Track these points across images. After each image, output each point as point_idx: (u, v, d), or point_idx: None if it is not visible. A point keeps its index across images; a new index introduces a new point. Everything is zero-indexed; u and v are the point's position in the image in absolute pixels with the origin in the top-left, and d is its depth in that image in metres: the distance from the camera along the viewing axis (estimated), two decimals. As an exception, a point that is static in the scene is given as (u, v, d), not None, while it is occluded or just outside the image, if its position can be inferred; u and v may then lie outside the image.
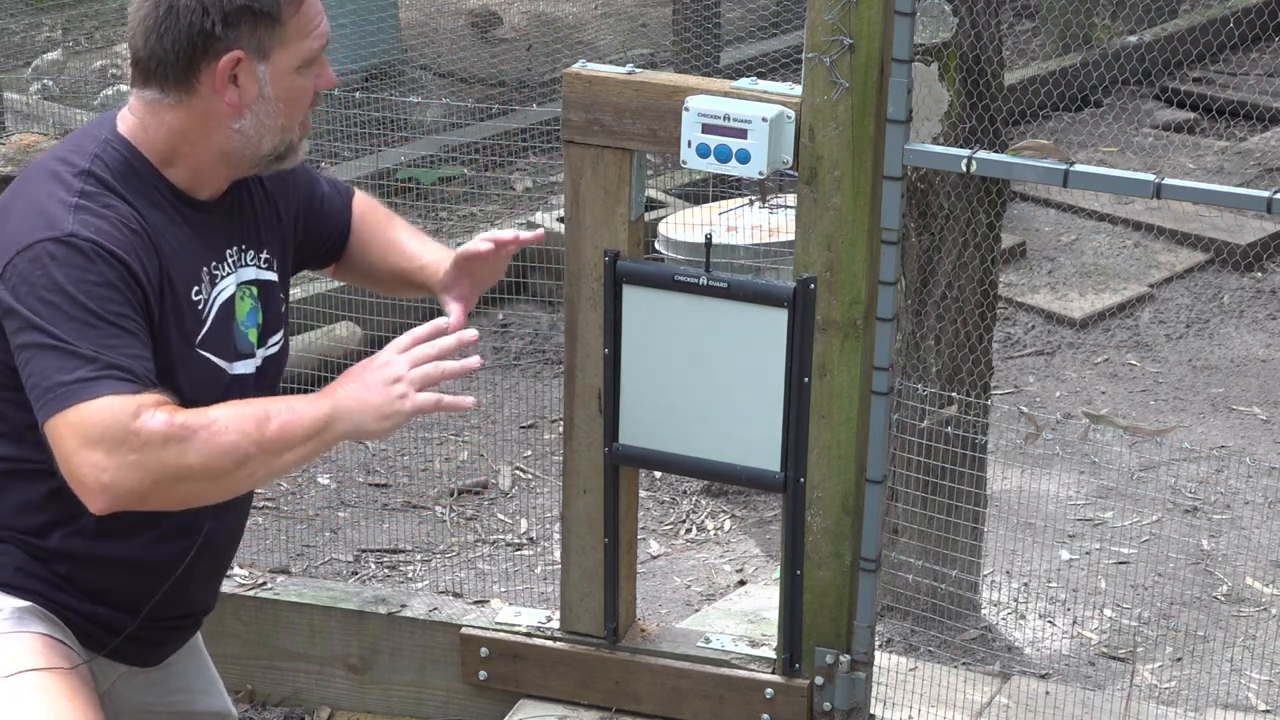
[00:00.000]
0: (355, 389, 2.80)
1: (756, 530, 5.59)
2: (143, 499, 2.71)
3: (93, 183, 2.83)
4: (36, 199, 2.82)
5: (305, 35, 2.88)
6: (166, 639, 3.13)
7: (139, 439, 2.66)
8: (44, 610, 2.93)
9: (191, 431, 2.68)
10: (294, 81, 2.90)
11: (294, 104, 2.92)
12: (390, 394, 2.78)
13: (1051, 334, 6.93)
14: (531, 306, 6.95)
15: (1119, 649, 4.87)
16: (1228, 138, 8.76)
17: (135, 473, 2.67)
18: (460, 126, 7.64)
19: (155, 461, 2.67)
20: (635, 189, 3.73)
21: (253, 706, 4.34)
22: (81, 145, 2.91)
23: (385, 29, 8.60)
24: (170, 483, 2.69)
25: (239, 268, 3.02)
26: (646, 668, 3.98)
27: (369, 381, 2.80)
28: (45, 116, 8.04)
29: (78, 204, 2.79)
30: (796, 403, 3.69)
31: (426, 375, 2.80)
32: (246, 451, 2.71)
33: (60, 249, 2.74)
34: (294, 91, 2.91)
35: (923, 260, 4.59)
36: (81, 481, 2.69)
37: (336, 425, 2.78)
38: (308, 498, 5.71)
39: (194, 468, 2.69)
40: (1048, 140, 8.21)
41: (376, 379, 2.80)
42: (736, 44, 9.40)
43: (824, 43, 3.48)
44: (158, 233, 2.86)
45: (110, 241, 2.77)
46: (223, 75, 2.85)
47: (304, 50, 2.89)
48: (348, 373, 2.84)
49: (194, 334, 2.91)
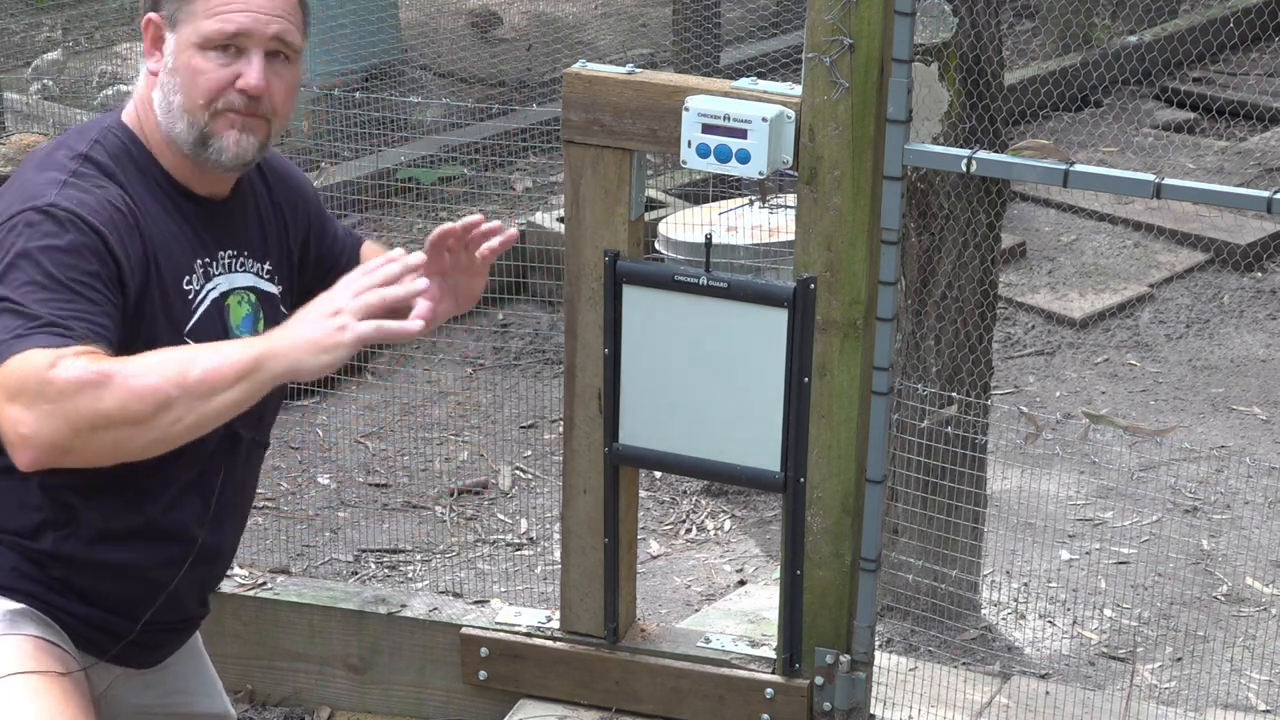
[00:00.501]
0: (290, 326, 2.67)
1: (756, 530, 5.59)
2: (66, 450, 2.62)
3: (89, 165, 2.85)
4: (31, 178, 2.84)
5: (210, 14, 2.85)
6: (163, 642, 3.12)
7: (53, 388, 2.57)
8: (38, 613, 2.92)
9: (107, 376, 2.58)
10: (191, 59, 2.86)
11: (192, 85, 2.86)
12: (328, 325, 2.63)
13: (1051, 334, 6.93)
14: (531, 306, 6.94)
15: (1119, 649, 4.87)
16: (1228, 138, 8.76)
17: (51, 421, 2.58)
18: (460, 126, 7.64)
19: (71, 409, 2.58)
20: (635, 189, 3.73)
21: (253, 706, 4.34)
22: (85, 132, 2.93)
23: (385, 29, 8.59)
24: (89, 431, 2.59)
25: (234, 271, 3.01)
26: (646, 668, 3.98)
27: (306, 316, 2.66)
28: (45, 116, 8.04)
29: (66, 180, 2.80)
30: (796, 403, 3.69)
31: (366, 304, 2.63)
32: (168, 394, 2.60)
33: (37, 216, 2.75)
34: (191, 70, 2.86)
35: (923, 260, 4.59)
36: (5, 437, 2.63)
37: (268, 364, 2.63)
38: (308, 498, 5.71)
39: (112, 414, 2.58)
40: (1048, 140, 8.21)
41: (314, 311, 2.65)
42: (736, 44, 9.40)
43: (824, 43, 3.49)
44: (149, 218, 2.86)
45: (88, 213, 2.76)
46: (146, 36, 2.87)
47: (203, 29, 2.85)
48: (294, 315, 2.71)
49: (182, 323, 2.91)
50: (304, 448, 6.02)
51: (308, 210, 3.18)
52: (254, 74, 2.86)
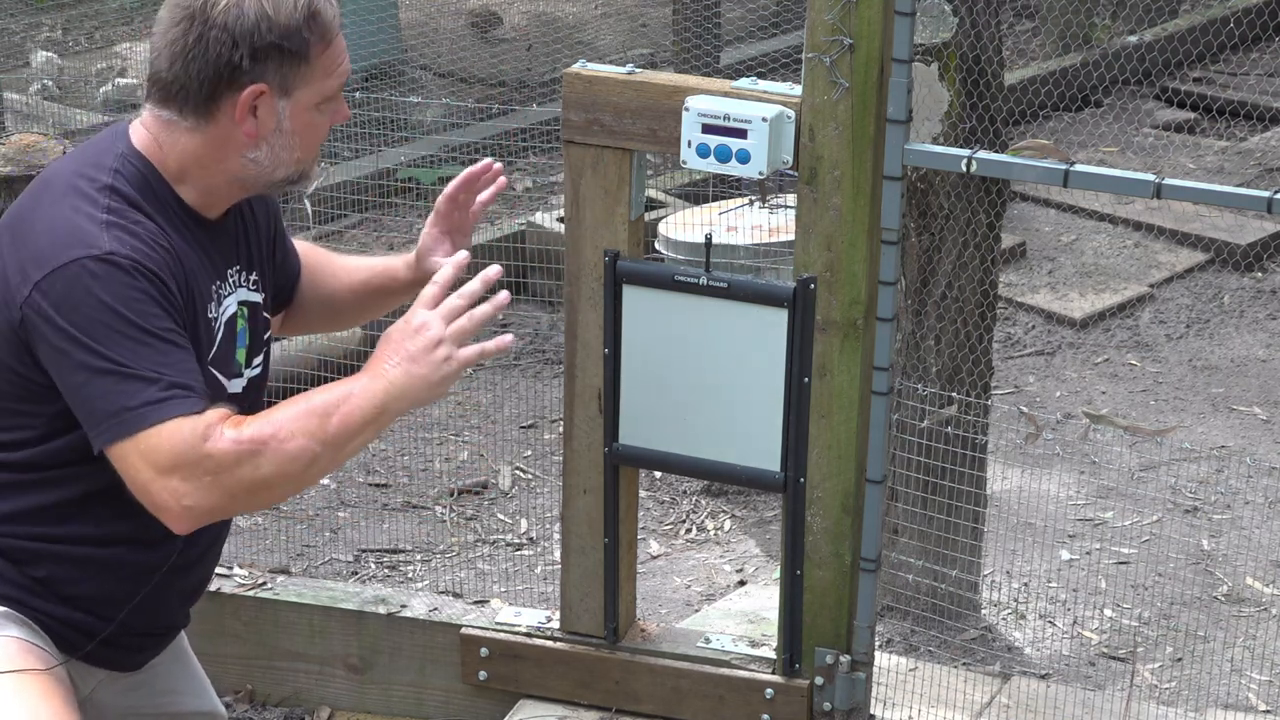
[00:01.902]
0: (401, 363, 2.80)
1: (756, 530, 5.59)
2: (225, 512, 2.82)
3: (117, 199, 2.83)
4: (62, 213, 2.81)
5: (329, 75, 2.90)
6: (143, 645, 3.12)
7: (213, 461, 2.71)
8: (18, 615, 2.93)
9: (261, 444, 2.73)
10: (313, 118, 2.92)
11: (310, 139, 2.93)
12: (435, 359, 2.79)
13: (1051, 334, 6.93)
14: (531, 306, 6.95)
15: (1119, 649, 4.87)
16: (1228, 138, 8.76)
17: (214, 492, 2.73)
18: (460, 126, 7.64)
19: (232, 480, 2.73)
20: (635, 189, 3.73)
21: (253, 706, 4.34)
22: (99, 159, 2.89)
23: (385, 29, 8.60)
24: (247, 495, 2.77)
25: (237, 288, 3.02)
26: (646, 668, 3.98)
27: (412, 352, 2.80)
28: (45, 116, 8.04)
29: (108, 220, 2.79)
30: (796, 403, 3.69)
31: (462, 329, 2.81)
32: (314, 452, 2.76)
33: (101, 267, 2.74)
34: (312, 127, 2.93)
35: (923, 260, 4.59)
36: (163, 507, 2.74)
37: (392, 406, 2.80)
38: (308, 498, 5.71)
39: (271, 479, 2.75)
40: (1048, 140, 8.21)
41: (419, 347, 2.79)
42: (736, 44, 9.40)
43: (824, 43, 3.48)
44: (180, 250, 2.86)
45: (146, 259, 2.77)
46: (244, 107, 2.85)
47: (326, 89, 2.91)
48: (387, 339, 2.83)
49: (206, 352, 2.92)
50: (304, 448, 6.01)
51: (270, 212, 3.19)
52: (346, 108, 2.98)
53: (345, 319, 3.53)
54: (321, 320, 3.45)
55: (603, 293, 3.76)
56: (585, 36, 9.61)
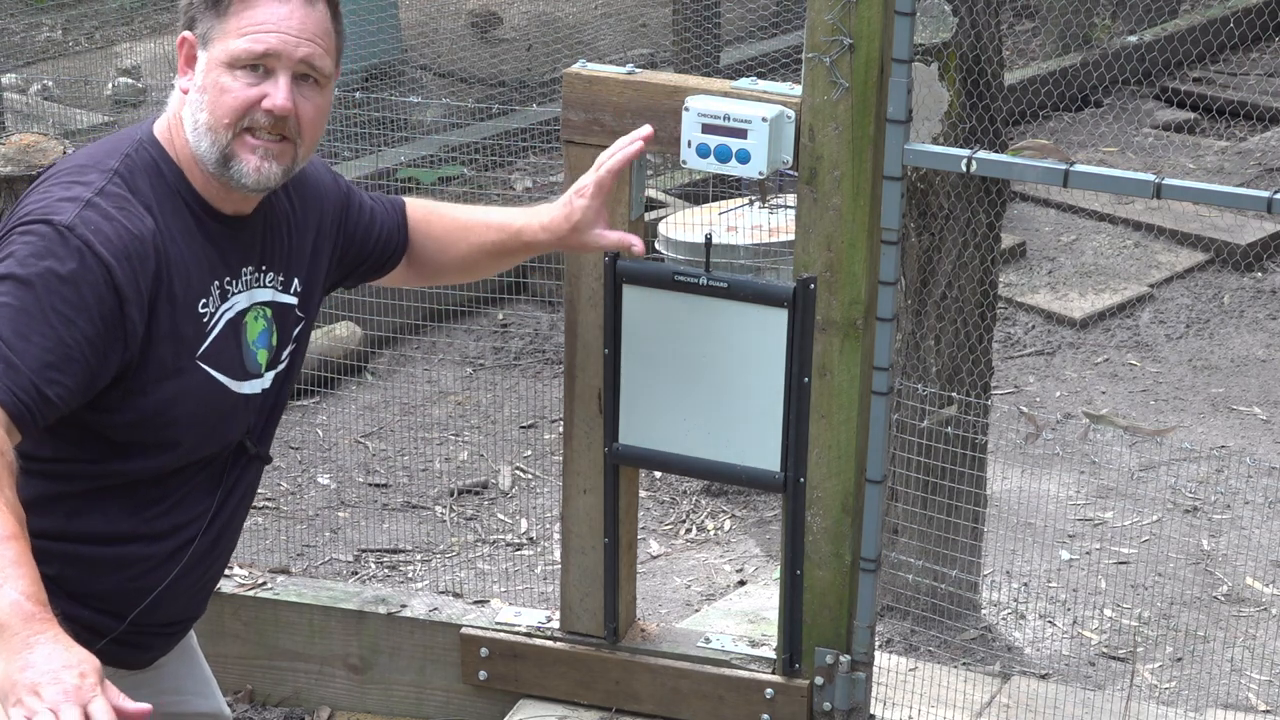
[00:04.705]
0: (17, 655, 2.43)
1: (756, 530, 5.59)
2: None
3: (117, 182, 2.84)
4: (59, 184, 2.83)
5: (240, 33, 2.84)
6: (152, 644, 3.12)
7: None
8: None
9: None
10: (220, 77, 2.86)
11: (218, 103, 2.86)
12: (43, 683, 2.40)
13: (1051, 334, 6.93)
14: (531, 306, 6.94)
15: (1119, 649, 4.88)
16: (1228, 138, 8.76)
17: None
18: (460, 126, 7.65)
19: None
20: (635, 189, 3.73)
21: (253, 706, 4.34)
22: (117, 145, 2.92)
23: (385, 29, 8.59)
24: None
25: (253, 287, 3.00)
26: (646, 668, 3.98)
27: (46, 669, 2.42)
28: (45, 116, 8.04)
29: (90, 200, 2.80)
30: (796, 403, 3.69)
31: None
32: None
33: (50, 231, 2.75)
34: (219, 89, 2.86)
35: (923, 260, 4.59)
36: None
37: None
38: (308, 498, 5.71)
39: None
40: (1048, 140, 8.22)
41: (51, 667, 2.42)
42: (736, 44, 9.40)
43: (824, 43, 3.48)
44: (169, 239, 2.85)
45: (101, 243, 2.76)
46: (180, 54, 2.88)
47: (233, 48, 2.85)
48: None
49: (195, 345, 2.90)
50: (304, 448, 6.03)
51: (325, 203, 3.17)
52: (280, 95, 2.86)
53: (478, 274, 3.58)
54: (454, 275, 3.51)
55: (603, 293, 3.76)
56: (585, 37, 9.61)
